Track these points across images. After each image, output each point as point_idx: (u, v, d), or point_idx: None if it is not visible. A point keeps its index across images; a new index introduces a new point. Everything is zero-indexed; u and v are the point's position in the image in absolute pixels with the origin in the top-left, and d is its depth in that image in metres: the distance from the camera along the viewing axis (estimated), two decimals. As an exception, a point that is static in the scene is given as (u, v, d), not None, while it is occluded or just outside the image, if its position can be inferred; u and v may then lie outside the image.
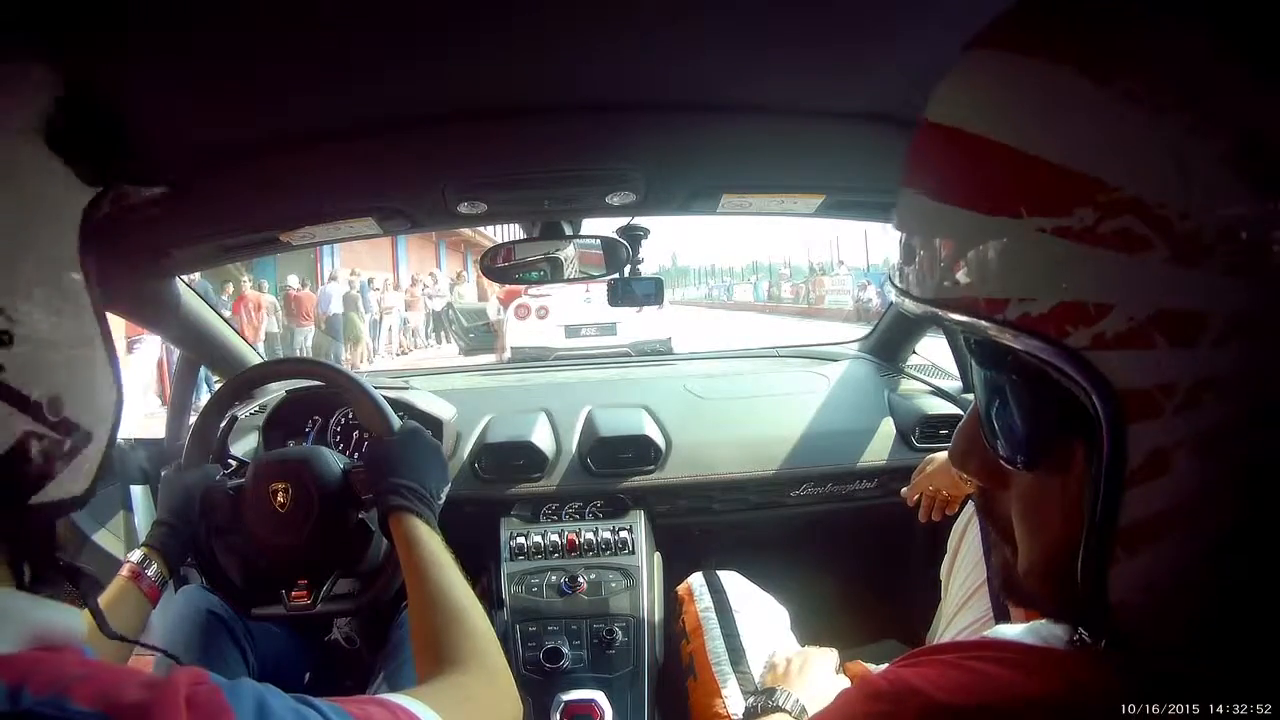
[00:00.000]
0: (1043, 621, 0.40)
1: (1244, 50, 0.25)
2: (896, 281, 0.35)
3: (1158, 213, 0.25)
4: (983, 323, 0.29)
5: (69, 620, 0.36)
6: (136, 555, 0.85)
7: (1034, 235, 0.27)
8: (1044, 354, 0.27)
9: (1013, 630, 0.42)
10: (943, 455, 1.06)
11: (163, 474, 0.97)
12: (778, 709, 0.80)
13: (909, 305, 0.33)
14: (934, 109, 0.31)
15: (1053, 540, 0.32)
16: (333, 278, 10.74)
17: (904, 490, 1.14)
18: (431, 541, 0.73)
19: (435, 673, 0.59)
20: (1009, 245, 0.28)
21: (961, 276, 0.29)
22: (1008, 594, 0.38)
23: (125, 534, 1.40)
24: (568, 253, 1.13)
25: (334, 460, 0.95)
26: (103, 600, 0.79)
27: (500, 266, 1.14)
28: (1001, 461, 0.33)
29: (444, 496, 0.85)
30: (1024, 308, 0.27)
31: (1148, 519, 0.27)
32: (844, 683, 0.87)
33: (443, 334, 11.71)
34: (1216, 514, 0.26)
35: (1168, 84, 0.25)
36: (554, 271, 1.13)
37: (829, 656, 0.91)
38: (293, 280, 9.74)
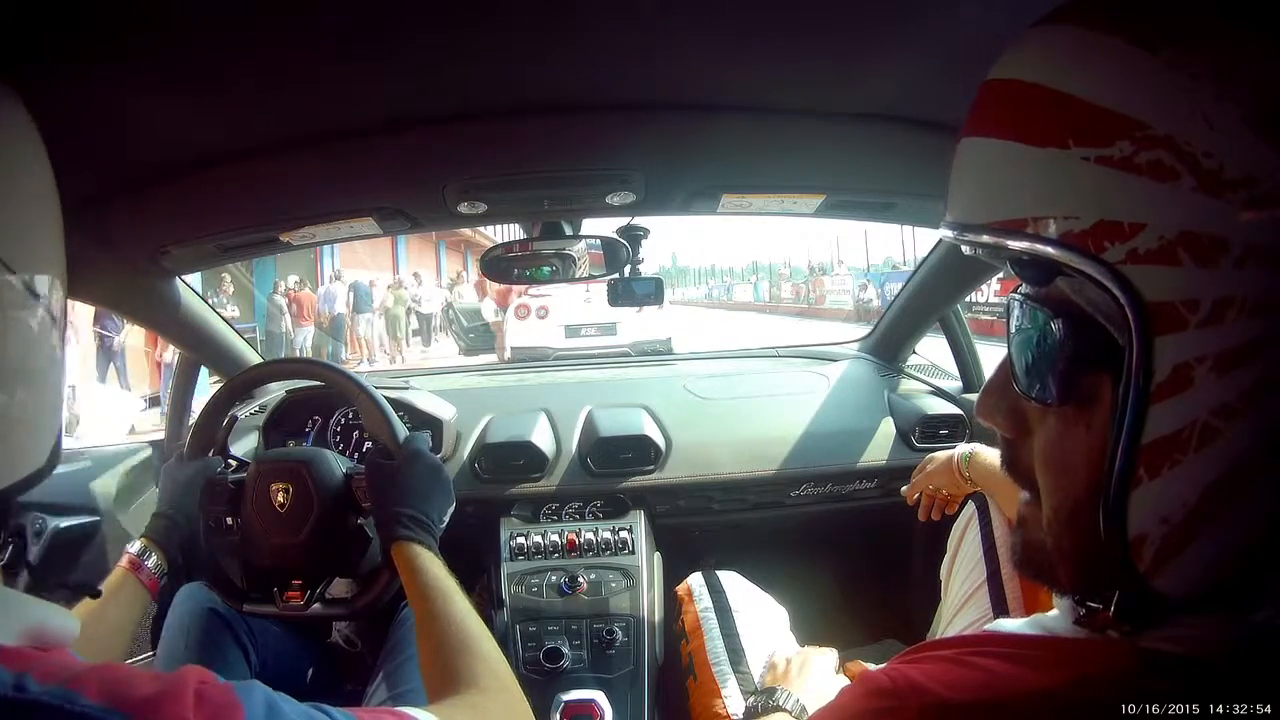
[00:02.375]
0: (1045, 613, 0.40)
1: (1265, 30, 0.29)
2: (949, 219, 0.38)
3: (1186, 149, 0.28)
4: (1032, 244, 0.32)
5: (62, 621, 0.36)
6: (136, 546, 0.86)
7: (1079, 163, 0.30)
8: (1083, 266, 0.30)
9: (1014, 624, 0.42)
10: (943, 454, 1.06)
11: (164, 466, 0.98)
12: (778, 709, 0.80)
13: (966, 236, 0.36)
14: (1001, 69, 0.35)
15: (1076, 481, 0.34)
16: (336, 277, 10.79)
17: (904, 489, 1.14)
18: (435, 569, 0.73)
19: (447, 693, 0.59)
20: (1057, 172, 0.31)
21: (1014, 201, 0.33)
22: (1023, 564, 0.39)
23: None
24: (579, 249, 1.12)
25: (336, 464, 0.95)
26: (102, 590, 0.79)
27: (506, 264, 1.13)
28: (1031, 404, 0.36)
29: (447, 519, 0.85)
30: (1068, 225, 0.31)
31: (1169, 437, 0.29)
32: (844, 683, 0.87)
33: (422, 337, 11.85)
34: (1233, 437, 0.29)
35: (1202, 57, 0.29)
36: (565, 268, 1.12)
37: (829, 656, 0.91)
38: (292, 280, 9.77)
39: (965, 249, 0.37)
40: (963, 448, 1.03)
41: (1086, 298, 0.32)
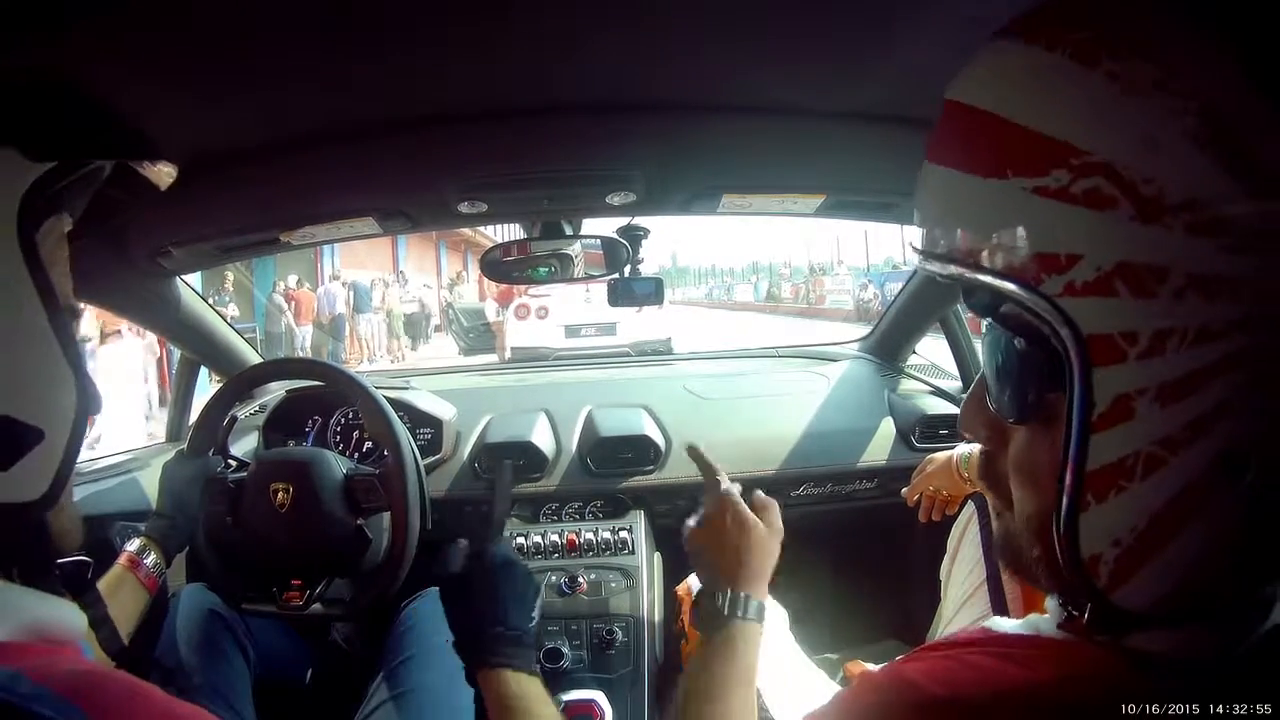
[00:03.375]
0: (1040, 615, 0.41)
1: (1217, 43, 0.28)
2: (915, 245, 0.38)
3: (1124, 175, 0.28)
4: (972, 273, 0.32)
5: (66, 616, 0.36)
6: (135, 545, 0.86)
7: (1017, 194, 0.30)
8: (1021, 298, 0.30)
9: (1009, 624, 0.42)
10: (943, 455, 1.06)
11: (164, 464, 0.98)
12: (741, 619, 0.65)
13: (928, 265, 0.36)
14: (951, 89, 0.35)
15: (1042, 494, 0.34)
16: (335, 277, 10.82)
17: (904, 490, 1.14)
18: (531, 706, 0.63)
19: None
20: (997, 203, 0.31)
21: (959, 232, 0.33)
22: (1009, 564, 0.40)
23: None
24: (575, 249, 1.12)
25: (337, 464, 0.95)
26: (100, 586, 0.79)
27: (505, 264, 1.13)
28: (1001, 420, 0.36)
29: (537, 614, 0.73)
30: (1008, 256, 0.31)
31: (1113, 465, 0.29)
32: (831, 678, 0.87)
33: (409, 338, 12.08)
34: (1179, 465, 0.29)
35: (1143, 70, 0.28)
36: (563, 268, 1.12)
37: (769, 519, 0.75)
38: (291, 280, 9.80)
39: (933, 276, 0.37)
40: (962, 448, 1.03)
41: (1042, 320, 0.32)
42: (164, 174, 0.70)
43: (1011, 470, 0.36)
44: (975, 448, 1.00)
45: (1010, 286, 0.30)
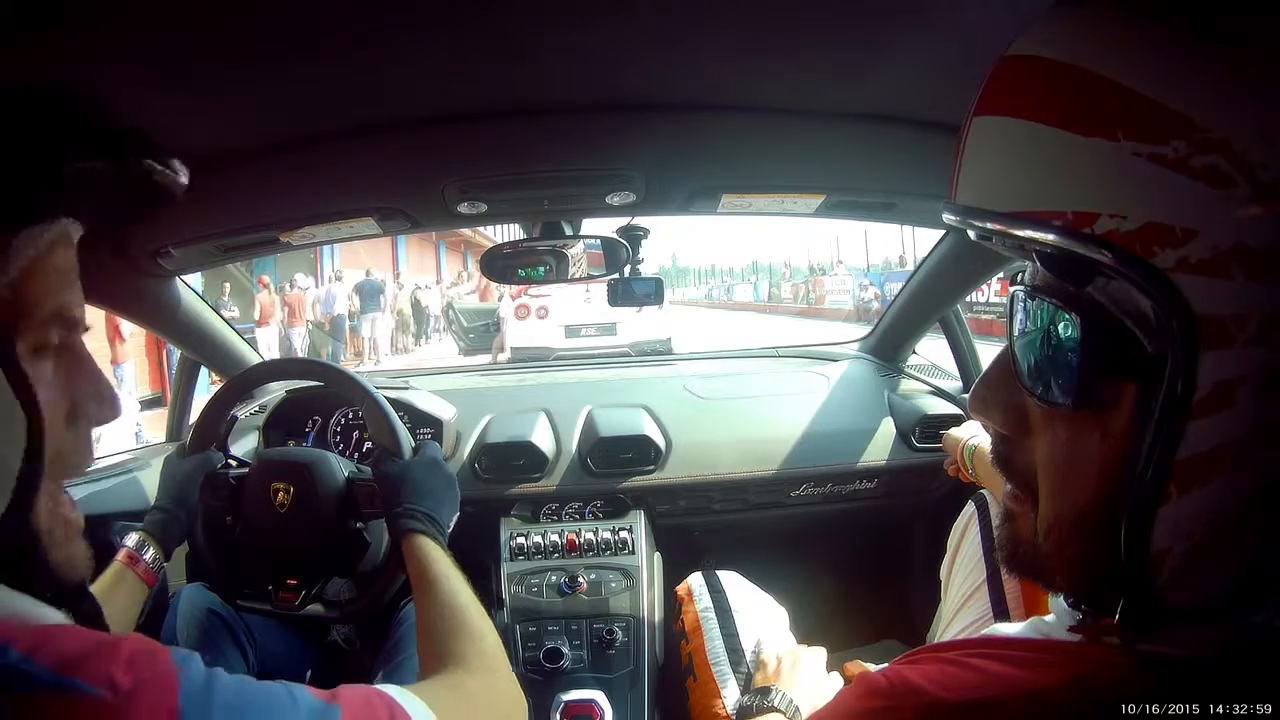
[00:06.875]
0: (1042, 617, 0.40)
1: None
2: (960, 203, 0.35)
3: (1242, 157, 0.27)
4: (1071, 239, 0.30)
5: (46, 613, 0.36)
6: (133, 540, 0.86)
7: (1128, 158, 0.28)
8: (1129, 270, 0.28)
9: (1012, 628, 0.42)
10: (956, 433, 1.08)
11: (164, 459, 0.98)
12: (772, 709, 0.80)
13: (988, 224, 0.33)
14: (1031, 46, 0.32)
15: (1085, 490, 0.32)
16: (337, 277, 10.84)
17: (946, 462, 1.14)
18: (444, 560, 0.75)
19: (435, 671, 0.59)
20: (1103, 165, 0.29)
21: (1050, 191, 0.31)
22: (1013, 563, 0.38)
23: None
24: (575, 251, 1.12)
25: (339, 466, 0.95)
26: (99, 584, 0.79)
27: (505, 264, 1.13)
28: (1036, 404, 0.34)
29: (452, 526, 0.85)
30: (1114, 224, 0.29)
31: (1205, 454, 0.28)
32: (836, 681, 0.87)
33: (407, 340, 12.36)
34: (1269, 457, 0.28)
35: (1259, 56, 0.27)
36: (562, 268, 1.12)
37: (818, 655, 0.91)
38: (300, 279, 9.84)
39: (973, 235, 0.35)
40: (970, 440, 1.03)
41: (1113, 299, 0.30)
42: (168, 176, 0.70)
43: (1046, 463, 0.34)
44: (983, 442, 1.00)
45: (1115, 257, 0.28)
